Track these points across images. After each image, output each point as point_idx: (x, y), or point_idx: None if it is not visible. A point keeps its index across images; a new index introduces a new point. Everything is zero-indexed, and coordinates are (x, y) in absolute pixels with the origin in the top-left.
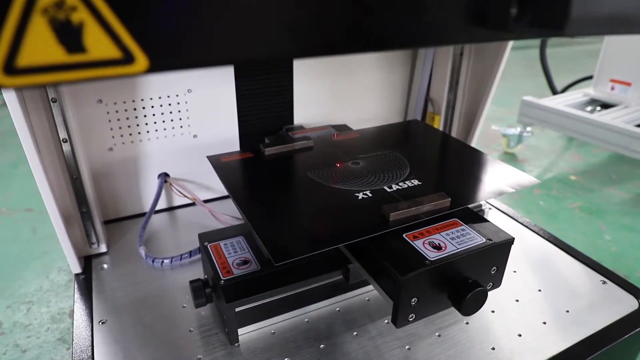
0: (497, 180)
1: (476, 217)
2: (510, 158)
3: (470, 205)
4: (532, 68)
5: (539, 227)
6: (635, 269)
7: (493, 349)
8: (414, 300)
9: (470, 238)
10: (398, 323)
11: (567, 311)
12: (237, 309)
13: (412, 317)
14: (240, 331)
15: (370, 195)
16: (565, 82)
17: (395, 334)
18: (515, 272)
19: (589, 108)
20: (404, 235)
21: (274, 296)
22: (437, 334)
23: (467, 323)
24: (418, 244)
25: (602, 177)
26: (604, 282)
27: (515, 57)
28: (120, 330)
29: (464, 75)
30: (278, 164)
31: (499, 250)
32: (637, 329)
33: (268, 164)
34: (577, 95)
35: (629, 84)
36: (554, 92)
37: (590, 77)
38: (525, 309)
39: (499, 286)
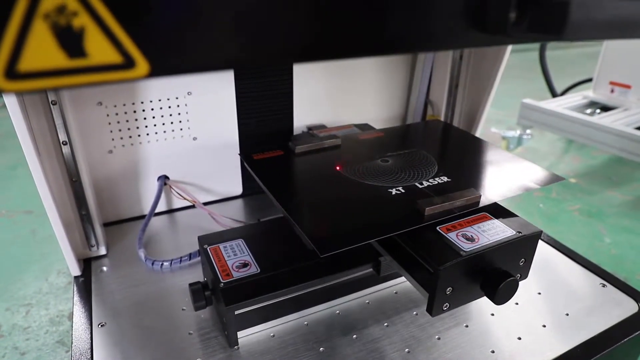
0: (522, 177)
1: (504, 212)
2: None
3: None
4: (532, 71)
5: None
6: (635, 272)
7: (493, 352)
8: (449, 290)
9: (501, 230)
10: (434, 312)
11: (567, 314)
12: (236, 312)
13: (446, 307)
14: (240, 334)
15: (403, 191)
16: (564, 85)
17: (394, 337)
18: None
19: (588, 110)
20: (437, 228)
21: (274, 299)
22: (436, 337)
23: (467, 326)
24: (452, 236)
25: (602, 179)
26: (604, 285)
27: (515, 60)
28: (119, 333)
29: (463, 78)
30: (309, 160)
31: (527, 242)
32: (637, 332)
33: (299, 160)
34: (577, 97)
35: (628, 87)
36: (554, 94)
37: (589, 80)
38: (524, 312)
39: (526, 277)
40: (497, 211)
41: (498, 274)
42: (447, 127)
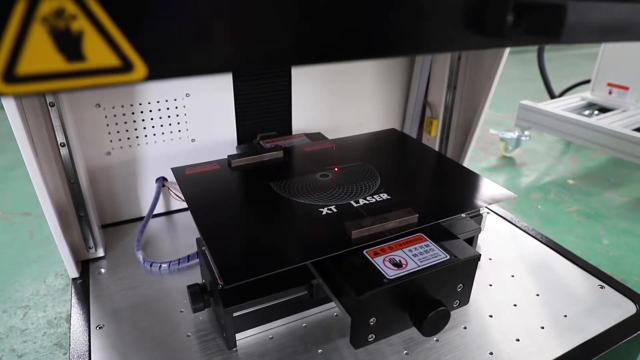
0: (471, 195)
1: (443, 233)
2: (508, 162)
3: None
4: (530, 72)
5: (537, 231)
6: (633, 274)
7: (491, 353)
8: (372, 320)
9: (433, 255)
10: (356, 344)
11: (565, 316)
12: (234, 314)
13: (371, 337)
14: (238, 336)
15: (335, 210)
16: (563, 86)
17: (393, 339)
18: (513, 276)
19: (586, 112)
20: (364, 251)
21: (272, 301)
22: (435, 338)
23: (465, 328)
24: (378, 261)
25: (600, 181)
26: (602, 287)
27: (513, 61)
28: (117, 335)
29: (461, 80)
30: (244, 175)
31: (464, 267)
32: (635, 334)
33: (234, 175)
34: (575, 99)
35: (626, 88)
36: (552, 96)
37: (588, 81)
38: (523, 313)
39: (466, 303)
40: (436, 232)
41: (426, 303)
42: (403, 138)
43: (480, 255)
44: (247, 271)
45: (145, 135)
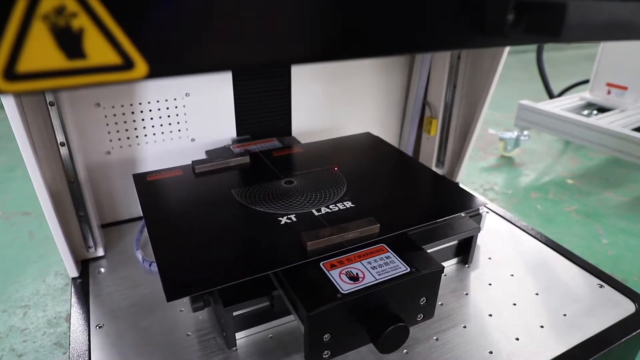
0: (440, 202)
1: (407, 243)
2: (507, 162)
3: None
4: (529, 72)
5: (536, 230)
6: (632, 273)
7: (491, 352)
8: (326, 337)
9: (393, 267)
10: None
11: (565, 315)
12: (234, 313)
13: (327, 354)
14: (238, 335)
15: (294, 219)
16: (561, 86)
17: None
18: (512, 275)
19: (585, 112)
20: (321, 264)
21: (272, 300)
22: (434, 337)
23: (465, 327)
24: (334, 274)
25: (599, 180)
26: (601, 286)
27: (512, 61)
28: (117, 334)
29: (461, 79)
30: (206, 182)
31: (425, 281)
32: (634, 333)
33: (196, 182)
34: (574, 99)
35: (625, 88)
36: (551, 96)
37: (586, 81)
38: (522, 312)
39: (431, 317)
40: (399, 242)
41: (382, 319)
42: (377, 143)
43: (444, 267)
44: (193, 285)
45: (145, 135)
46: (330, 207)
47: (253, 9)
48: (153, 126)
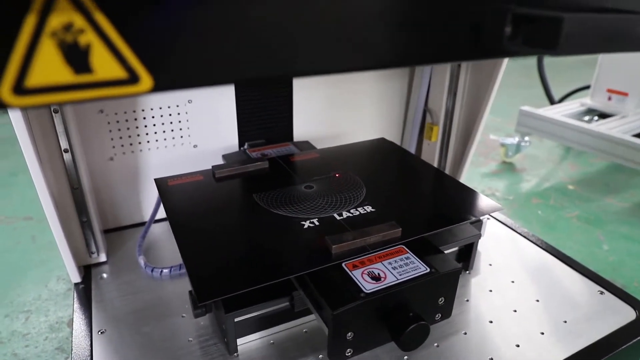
0: (457, 207)
1: (425, 244)
2: (508, 167)
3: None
4: (530, 78)
5: (537, 237)
6: (633, 279)
7: (491, 359)
8: (349, 335)
9: (413, 267)
10: (334, 358)
11: (565, 321)
12: (236, 319)
13: (349, 352)
14: (239, 341)
15: (317, 223)
16: (562, 92)
17: (393, 345)
18: (513, 282)
19: (586, 118)
20: (343, 264)
21: (273, 307)
22: (435, 344)
23: (466, 333)
24: (356, 274)
25: (600, 186)
26: (602, 293)
27: (513, 67)
28: (119, 340)
29: (462, 86)
30: (227, 187)
31: (444, 281)
32: (635, 340)
33: (217, 187)
34: (575, 105)
35: (626, 94)
36: (552, 102)
37: (587, 87)
38: (523, 319)
39: (448, 317)
40: (418, 244)
41: (404, 317)
42: (392, 148)
43: (462, 268)
44: (223, 288)
45: (148, 141)
46: (351, 211)
47: (254, 23)
48: (156, 132)
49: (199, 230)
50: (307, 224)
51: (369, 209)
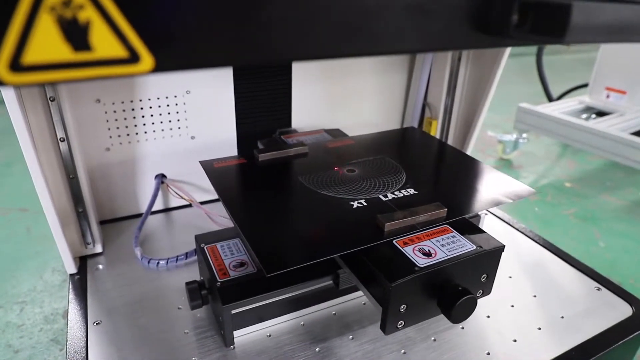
0: (493, 190)
1: (467, 224)
2: (505, 164)
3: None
4: (529, 75)
5: (534, 233)
6: (629, 276)
7: (488, 354)
8: (403, 307)
9: (460, 245)
10: (387, 330)
11: (562, 317)
12: (233, 311)
13: (401, 324)
14: (236, 333)
15: (365, 204)
16: (561, 90)
17: (390, 338)
18: (510, 277)
19: (584, 115)
20: (394, 241)
21: (271, 299)
22: (432, 338)
23: (463, 328)
24: (408, 251)
25: (597, 184)
26: (599, 289)
27: (512, 64)
28: (115, 331)
29: (461, 81)
30: (272, 170)
31: (489, 258)
32: (631, 336)
33: (262, 170)
34: (573, 102)
35: (624, 92)
36: (550, 99)
37: (585, 85)
38: (520, 314)
39: (489, 293)
40: (460, 224)
41: (454, 291)
42: (423, 136)
43: (505, 246)
44: (286, 261)
45: (145, 132)
46: (395, 193)
47: (257, 3)
48: (153, 123)
49: (252, 209)
50: (355, 204)
51: (411, 191)
